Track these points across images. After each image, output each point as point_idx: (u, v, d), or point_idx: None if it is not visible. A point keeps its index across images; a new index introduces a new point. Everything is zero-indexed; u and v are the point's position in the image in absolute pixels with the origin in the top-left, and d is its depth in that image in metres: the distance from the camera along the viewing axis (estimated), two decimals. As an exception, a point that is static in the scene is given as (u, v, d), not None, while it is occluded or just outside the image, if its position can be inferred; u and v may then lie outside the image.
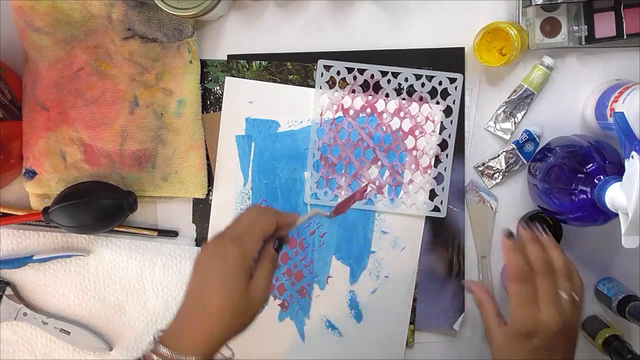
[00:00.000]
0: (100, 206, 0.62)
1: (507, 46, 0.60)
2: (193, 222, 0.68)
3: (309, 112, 0.65)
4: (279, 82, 0.65)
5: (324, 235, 0.66)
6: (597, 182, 0.52)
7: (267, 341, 0.68)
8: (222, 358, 0.47)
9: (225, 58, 0.66)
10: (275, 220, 0.50)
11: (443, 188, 0.65)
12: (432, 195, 0.65)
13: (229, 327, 0.46)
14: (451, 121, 0.64)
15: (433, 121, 0.65)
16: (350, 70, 0.65)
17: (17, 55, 0.66)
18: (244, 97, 0.66)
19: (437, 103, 0.64)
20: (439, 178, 0.65)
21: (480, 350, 0.67)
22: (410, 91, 0.64)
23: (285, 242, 0.53)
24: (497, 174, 0.65)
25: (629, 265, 0.66)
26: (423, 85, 0.64)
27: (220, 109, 0.66)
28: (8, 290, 0.67)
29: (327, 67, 0.65)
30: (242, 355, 0.68)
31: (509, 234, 0.53)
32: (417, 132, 0.65)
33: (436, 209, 0.65)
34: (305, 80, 0.65)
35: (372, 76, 0.64)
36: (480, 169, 0.65)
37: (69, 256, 0.67)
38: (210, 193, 0.67)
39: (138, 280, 0.67)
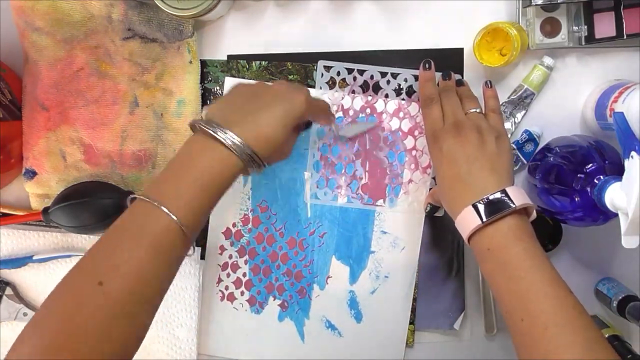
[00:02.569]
0: (100, 206, 0.62)
1: (507, 46, 0.60)
2: (193, 222, 0.68)
3: (309, 112, 0.65)
4: (279, 82, 0.65)
5: (324, 235, 0.66)
6: (597, 182, 0.52)
7: (267, 341, 0.68)
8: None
9: (225, 58, 0.66)
10: (325, 113, 0.59)
11: (443, 188, 0.65)
12: (432, 195, 0.65)
13: (267, 153, 0.50)
14: (451, 121, 0.64)
15: (433, 121, 0.65)
16: (350, 71, 0.65)
17: (17, 55, 0.66)
18: (244, 97, 0.66)
19: (437, 103, 0.64)
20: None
21: (481, 350, 0.67)
22: (410, 91, 0.65)
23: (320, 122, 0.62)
24: (497, 174, 0.65)
25: (629, 265, 0.65)
26: (423, 85, 0.64)
27: (220, 109, 0.66)
28: (8, 290, 0.67)
29: (327, 68, 0.65)
30: (242, 355, 0.68)
31: (427, 65, 0.61)
32: (416, 132, 0.65)
33: (435, 208, 0.65)
34: (305, 80, 0.65)
35: (372, 77, 0.65)
36: (480, 169, 0.65)
37: (69, 256, 0.67)
38: (210, 193, 0.67)
39: (138, 280, 0.67)
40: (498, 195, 0.50)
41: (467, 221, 0.51)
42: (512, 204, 0.49)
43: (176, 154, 0.50)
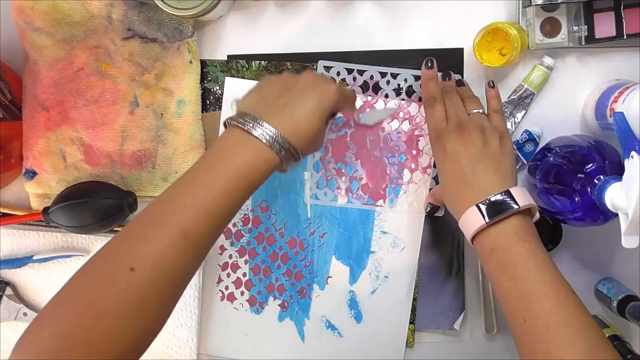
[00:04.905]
0: (100, 206, 0.62)
1: (507, 46, 0.60)
2: (193, 222, 0.68)
3: (309, 112, 0.65)
4: (278, 82, 0.65)
5: (324, 235, 0.66)
6: (597, 182, 0.52)
7: (267, 341, 0.68)
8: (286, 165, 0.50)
9: (225, 58, 0.66)
10: (353, 101, 0.60)
11: (443, 188, 0.65)
12: (432, 195, 0.65)
13: (303, 143, 0.50)
14: (451, 121, 0.64)
15: (433, 121, 0.64)
16: (350, 71, 0.65)
17: (17, 55, 0.66)
18: (244, 97, 0.66)
19: (437, 103, 0.64)
20: (438, 178, 0.65)
21: (481, 350, 0.67)
22: (410, 92, 0.65)
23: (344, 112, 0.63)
24: (497, 174, 0.65)
25: (629, 265, 0.66)
26: (423, 85, 0.64)
27: (219, 109, 0.66)
28: (8, 290, 0.67)
29: (327, 68, 0.65)
30: (242, 355, 0.68)
31: (429, 63, 0.61)
32: (416, 132, 0.65)
33: (436, 208, 0.65)
34: (305, 80, 0.65)
35: (372, 77, 0.65)
36: (480, 169, 0.65)
37: (69, 256, 0.67)
38: (210, 193, 0.67)
39: (138, 280, 0.67)
40: (502, 196, 0.50)
41: (471, 221, 0.51)
42: (515, 205, 0.50)
43: (209, 149, 0.49)
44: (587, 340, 0.44)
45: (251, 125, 0.48)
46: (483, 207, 0.50)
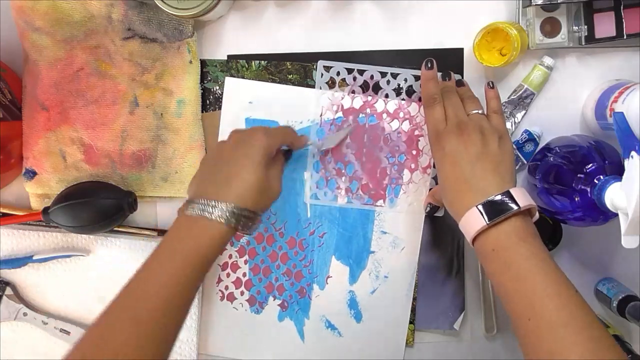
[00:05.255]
0: (100, 206, 0.62)
1: (507, 46, 0.60)
2: (193, 222, 0.68)
3: (309, 113, 0.65)
4: (278, 82, 0.65)
5: (324, 235, 0.66)
6: (597, 182, 0.52)
7: (267, 341, 0.68)
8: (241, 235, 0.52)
9: (225, 58, 0.66)
10: (290, 134, 0.59)
11: (443, 188, 0.65)
12: (432, 195, 0.65)
13: (253, 201, 0.51)
14: (451, 121, 0.64)
15: (433, 121, 0.64)
16: (350, 71, 0.65)
17: (17, 55, 0.66)
18: (243, 97, 0.66)
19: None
20: (437, 178, 0.65)
21: (481, 350, 0.67)
22: (410, 91, 0.65)
23: (294, 149, 0.61)
24: (497, 174, 0.65)
25: (629, 265, 0.65)
26: (423, 85, 0.64)
27: (219, 109, 0.66)
28: (8, 290, 0.67)
29: (327, 68, 0.65)
30: (242, 355, 0.68)
31: (429, 64, 0.60)
32: (416, 132, 0.65)
33: (436, 208, 0.65)
34: (305, 79, 0.65)
35: (372, 77, 0.65)
36: (480, 169, 0.65)
37: (69, 256, 0.67)
38: (210, 193, 0.67)
39: (138, 280, 0.67)
40: (502, 196, 0.50)
41: (471, 223, 0.51)
42: (515, 205, 0.50)
43: (162, 240, 0.51)
44: (591, 338, 0.44)
45: (203, 207, 0.50)
46: (483, 209, 0.50)
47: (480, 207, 0.50)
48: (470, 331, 0.67)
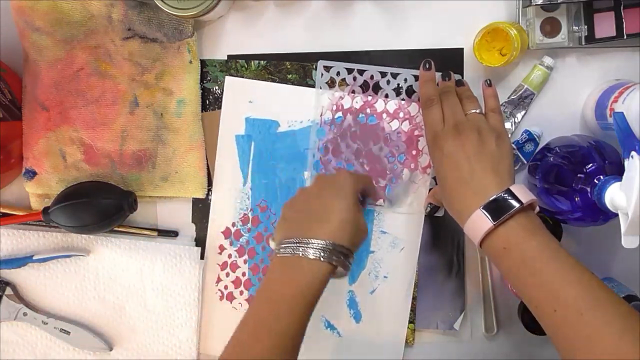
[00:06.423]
0: (100, 206, 0.62)
1: (507, 46, 0.60)
2: (193, 222, 0.68)
3: (309, 112, 0.65)
4: (278, 82, 0.65)
5: (324, 235, 0.66)
6: (597, 182, 0.52)
7: (267, 341, 0.68)
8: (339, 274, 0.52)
9: (225, 58, 0.66)
10: (372, 183, 0.61)
11: (443, 188, 0.65)
12: (432, 195, 0.65)
13: (349, 238, 0.51)
14: (451, 121, 0.64)
15: (433, 121, 0.64)
16: (350, 71, 0.65)
17: (17, 55, 0.66)
18: (243, 97, 0.66)
19: (437, 103, 0.64)
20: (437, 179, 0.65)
21: (481, 350, 0.67)
22: (410, 91, 0.65)
23: (369, 199, 0.61)
24: (497, 174, 0.65)
25: (629, 265, 0.65)
26: (423, 85, 0.64)
27: (219, 109, 0.66)
28: (8, 290, 0.67)
29: (327, 68, 0.65)
30: (241, 355, 0.68)
31: (427, 65, 0.61)
32: (416, 132, 0.65)
33: (436, 208, 0.65)
34: (305, 79, 0.65)
35: (372, 77, 0.65)
36: (480, 169, 0.65)
37: (69, 256, 0.67)
38: (210, 193, 0.67)
39: (138, 280, 0.67)
40: (504, 195, 0.50)
41: (477, 225, 0.51)
42: (518, 202, 0.50)
43: (261, 286, 0.52)
44: (620, 316, 0.44)
45: (297, 246, 0.50)
46: (487, 209, 0.50)
47: (483, 208, 0.50)
48: (470, 331, 0.67)
